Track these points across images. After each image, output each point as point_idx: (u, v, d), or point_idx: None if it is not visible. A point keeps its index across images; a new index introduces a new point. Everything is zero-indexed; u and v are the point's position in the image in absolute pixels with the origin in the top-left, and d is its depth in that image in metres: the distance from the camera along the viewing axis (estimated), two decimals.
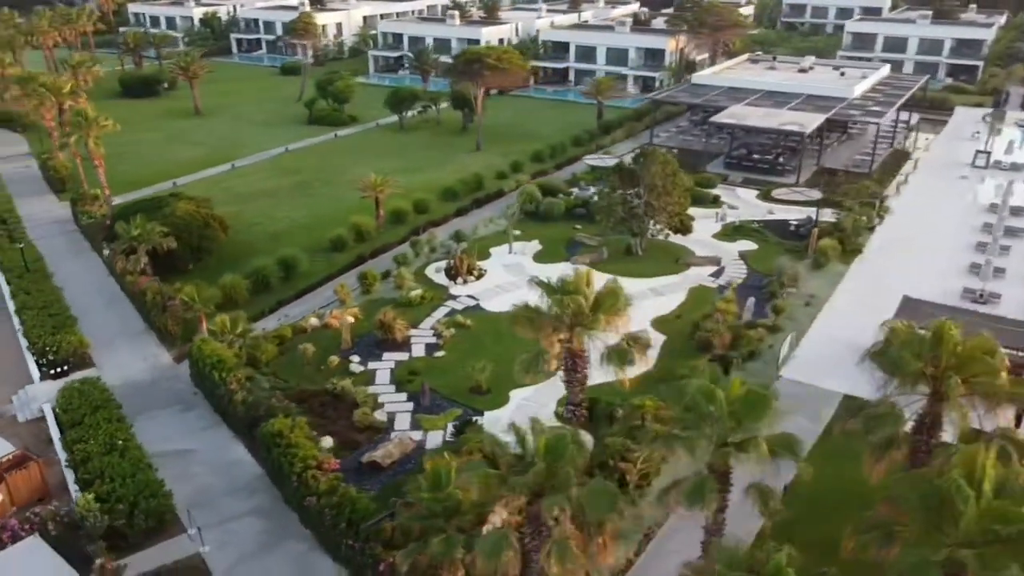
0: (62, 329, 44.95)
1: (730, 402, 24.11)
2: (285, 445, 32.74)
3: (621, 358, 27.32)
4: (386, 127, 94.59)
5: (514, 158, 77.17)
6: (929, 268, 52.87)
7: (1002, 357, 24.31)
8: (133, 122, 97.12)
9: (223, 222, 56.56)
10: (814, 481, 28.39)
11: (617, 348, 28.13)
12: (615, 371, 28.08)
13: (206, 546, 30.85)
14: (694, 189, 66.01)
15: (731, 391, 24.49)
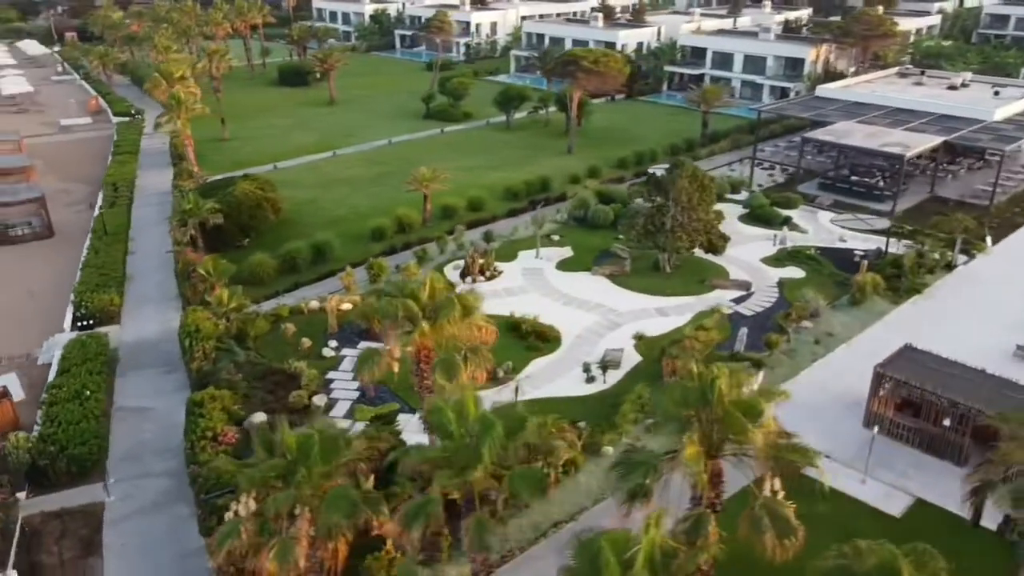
0: (103, 288, 50.19)
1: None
2: (197, 414, 34.80)
3: (447, 370, 26.43)
4: (495, 126, 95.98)
5: (601, 163, 75.76)
6: (993, 320, 46.10)
7: (771, 418, 20.96)
8: (274, 108, 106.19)
9: (275, 204, 60.42)
10: None
11: (446, 359, 27.22)
12: (438, 380, 27.19)
13: (111, 497, 33.54)
14: (763, 208, 61.94)
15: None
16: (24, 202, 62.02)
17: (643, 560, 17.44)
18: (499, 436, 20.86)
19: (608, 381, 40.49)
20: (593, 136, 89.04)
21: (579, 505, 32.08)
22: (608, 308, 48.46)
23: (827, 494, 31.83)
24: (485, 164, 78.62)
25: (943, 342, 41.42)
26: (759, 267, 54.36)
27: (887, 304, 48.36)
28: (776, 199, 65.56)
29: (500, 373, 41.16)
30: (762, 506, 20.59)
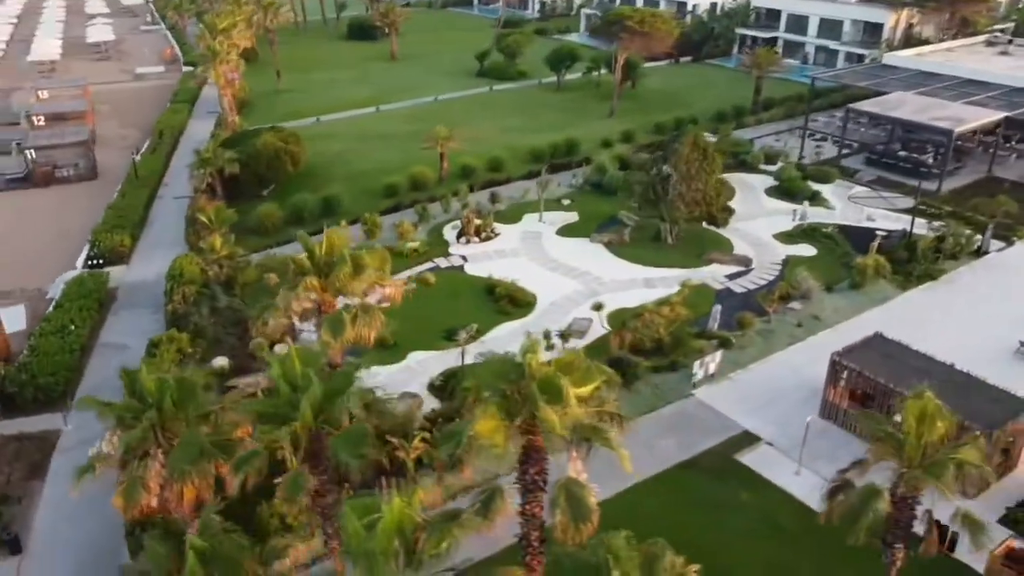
0: (119, 229, 52.73)
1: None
2: (151, 354, 36.35)
3: (333, 327, 26.42)
4: (547, 86, 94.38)
5: (639, 128, 73.56)
6: (1005, 313, 42.61)
7: (573, 393, 19.68)
8: (337, 62, 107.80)
9: (295, 156, 61.60)
10: None
11: (332, 317, 27.21)
12: (324, 337, 27.18)
13: (68, 426, 35.62)
14: (792, 181, 58.81)
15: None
16: (70, 145, 65.48)
17: (386, 529, 17.20)
18: (316, 396, 20.86)
19: (564, 350, 39.68)
20: (643, 100, 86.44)
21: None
22: (593, 277, 47.40)
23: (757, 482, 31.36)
24: (523, 125, 77.63)
25: (940, 333, 39.14)
26: (769, 243, 51.89)
27: (893, 289, 45.37)
28: (812, 173, 62.15)
29: (462, 335, 41.12)
30: (560, 487, 19.83)
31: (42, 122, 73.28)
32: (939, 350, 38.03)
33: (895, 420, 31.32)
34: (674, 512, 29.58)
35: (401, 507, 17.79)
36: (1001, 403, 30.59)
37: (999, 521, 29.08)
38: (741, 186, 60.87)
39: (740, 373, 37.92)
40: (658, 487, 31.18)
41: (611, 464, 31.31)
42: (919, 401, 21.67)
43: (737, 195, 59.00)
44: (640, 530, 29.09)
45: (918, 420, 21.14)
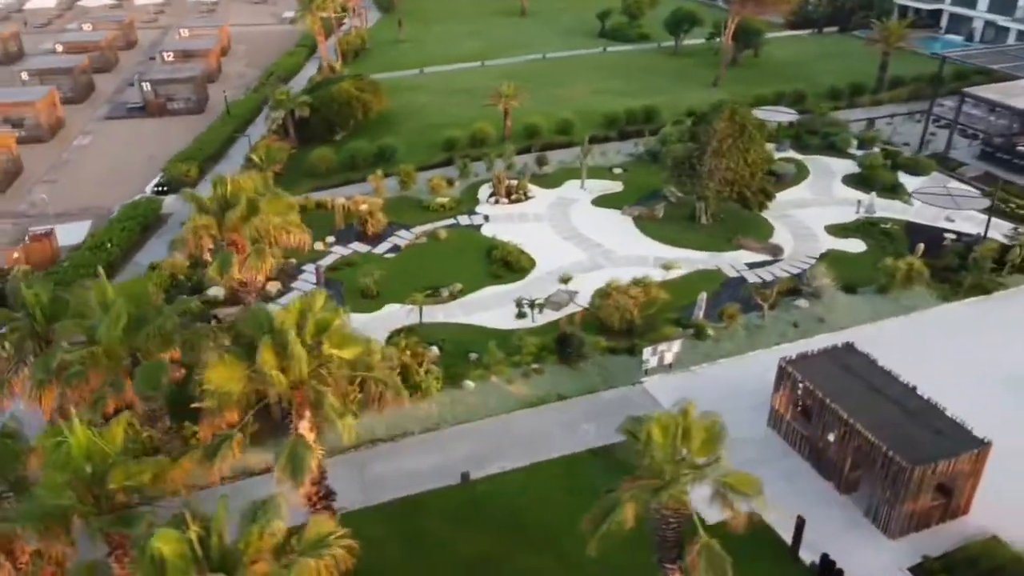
0: (190, 159, 56.99)
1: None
2: (149, 277, 39.49)
3: (221, 264, 27.18)
4: (665, 50, 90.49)
5: (738, 100, 68.94)
6: None
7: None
8: (465, 15, 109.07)
9: (367, 105, 63.45)
10: None
11: (222, 255, 27.93)
12: (211, 272, 27.91)
13: None
14: (875, 169, 53.35)
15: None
16: (182, 80, 71.08)
17: (70, 454, 17.87)
18: (119, 320, 21.86)
19: (537, 320, 38.86)
20: (760, 70, 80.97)
21: (401, 428, 32.17)
22: (605, 250, 45.70)
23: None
24: (618, 88, 75.15)
25: (954, 357, 34.50)
26: (816, 234, 47.57)
27: (931, 299, 40.30)
28: (904, 162, 55.93)
29: (444, 292, 41.36)
30: (288, 443, 19.52)
31: (171, 58, 79.86)
32: (939, 376, 33.90)
33: (828, 439, 28.70)
34: (549, 494, 28.67)
35: (87, 436, 18.56)
36: (947, 438, 26.70)
37: (911, 569, 25.71)
38: (818, 171, 56.16)
39: (705, 367, 35.46)
40: (553, 468, 30.21)
41: (530, 440, 31.11)
42: (667, 416, 19.67)
43: (808, 180, 54.88)
44: (503, 506, 28.96)
45: (663, 435, 19.06)
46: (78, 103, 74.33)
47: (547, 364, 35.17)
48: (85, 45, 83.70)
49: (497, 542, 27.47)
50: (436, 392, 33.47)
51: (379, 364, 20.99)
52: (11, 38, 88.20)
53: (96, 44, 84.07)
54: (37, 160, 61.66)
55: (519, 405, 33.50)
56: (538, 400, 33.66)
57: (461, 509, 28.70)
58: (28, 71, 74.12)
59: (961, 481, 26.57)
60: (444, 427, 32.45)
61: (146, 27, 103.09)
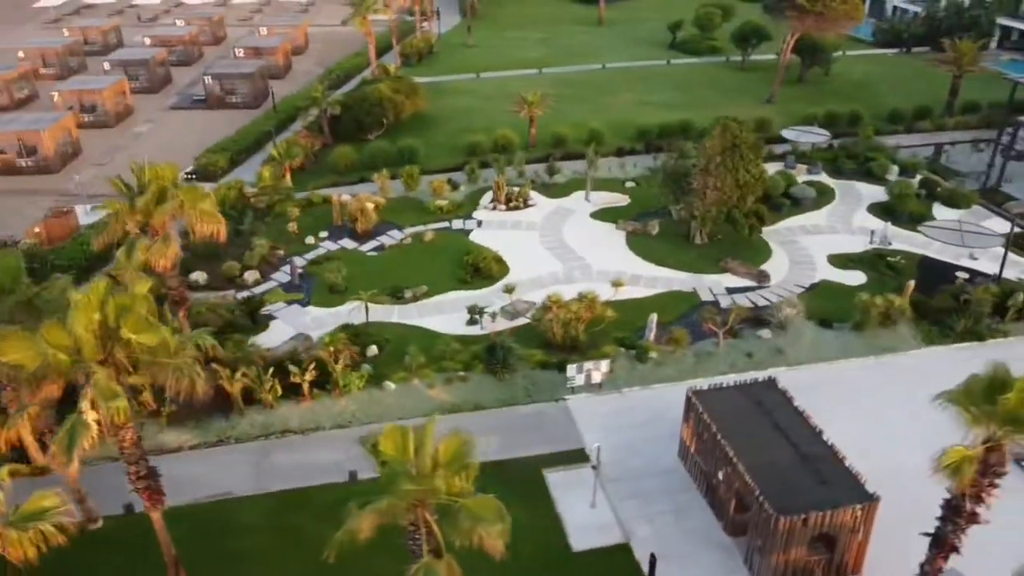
0: (223, 151, 59.79)
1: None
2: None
3: (127, 250, 28.29)
4: (733, 64, 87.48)
5: (790, 120, 65.94)
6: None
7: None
8: (542, 22, 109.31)
9: (398, 106, 64.65)
10: None
11: (130, 241, 29.01)
12: (120, 257, 29.07)
13: None
14: (903, 198, 49.89)
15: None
16: (240, 76, 74.61)
17: None
18: None
19: (485, 328, 38.55)
20: (826, 88, 77.17)
21: (314, 423, 32.67)
22: (584, 264, 44.78)
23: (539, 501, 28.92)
24: (666, 101, 73.45)
25: (907, 408, 31.58)
26: (816, 262, 44.91)
27: (912, 341, 37.27)
28: (943, 194, 51.95)
29: (408, 294, 41.68)
30: (71, 421, 19.79)
31: (241, 54, 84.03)
32: (879, 424, 31.72)
33: (718, 476, 27.25)
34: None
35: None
36: (832, 488, 24.63)
37: None
38: (845, 196, 53.02)
39: (637, 390, 34.17)
40: None
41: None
42: (399, 429, 19.22)
43: (831, 205, 51.93)
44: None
45: (393, 448, 18.48)
46: (153, 93, 79.30)
47: (475, 373, 34.82)
48: (170, 39, 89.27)
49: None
50: (357, 390, 33.80)
51: (185, 353, 21.34)
52: (111, 31, 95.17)
53: (180, 38, 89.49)
54: (98, 144, 66.23)
55: (434, 410, 33.24)
56: (454, 408, 33.41)
57: (336, 506, 28.76)
58: (111, 61, 79.73)
59: (844, 536, 24.46)
60: (355, 425, 32.74)
61: (240, 24, 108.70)
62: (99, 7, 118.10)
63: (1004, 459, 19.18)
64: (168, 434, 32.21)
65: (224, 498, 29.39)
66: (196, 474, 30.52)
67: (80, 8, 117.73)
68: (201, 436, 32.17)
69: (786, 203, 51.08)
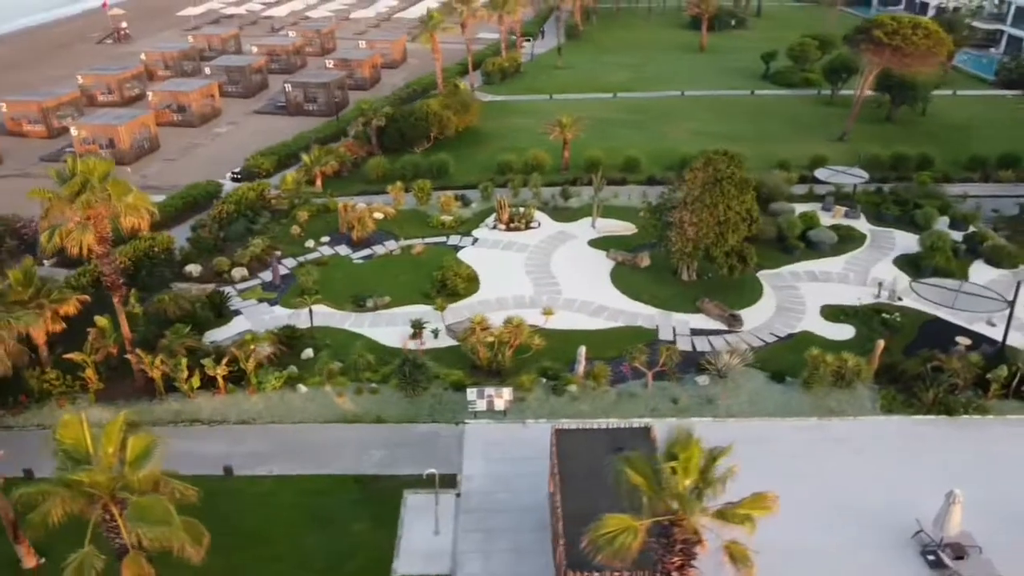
0: (270, 155, 63.14)
1: None
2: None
3: (48, 235, 30.40)
4: (823, 98, 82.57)
5: (851, 160, 61.50)
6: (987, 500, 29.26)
7: None
8: (639, 47, 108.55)
9: (443, 122, 65.76)
10: None
11: (54, 226, 31.05)
12: (42, 240, 31.18)
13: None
14: (932, 252, 45.53)
15: None
16: (316, 85, 78.62)
17: None
18: None
19: (426, 343, 38.51)
20: (916, 130, 71.33)
21: (222, 415, 33.89)
22: (556, 291, 43.77)
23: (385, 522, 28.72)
24: (728, 132, 70.49)
25: (807, 484, 28.95)
26: (807, 312, 41.63)
27: (867, 407, 33.76)
28: (988, 251, 46.75)
29: (369, 303, 42.42)
30: None
31: (331, 65, 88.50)
32: (790, 499, 28.91)
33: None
34: (284, 503, 29.15)
35: None
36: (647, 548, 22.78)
37: None
38: (875, 244, 48.95)
39: (541, 423, 32.81)
40: (310, 484, 30.28)
41: (317, 452, 31.71)
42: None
43: (854, 252, 48.14)
44: (234, 503, 29.48)
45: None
46: (247, 98, 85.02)
47: (388, 387, 34.90)
48: (274, 48, 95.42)
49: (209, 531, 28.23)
50: (272, 390, 34.77)
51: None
52: (230, 39, 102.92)
53: (285, 48, 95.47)
54: (176, 141, 71.80)
55: (336, 418, 33.77)
56: (355, 418, 33.67)
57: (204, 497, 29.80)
58: (212, 66, 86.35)
59: None
60: (258, 422, 33.68)
61: (354, 38, 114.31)
62: (236, 17, 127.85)
63: (692, 535, 17.07)
64: (92, 410, 34.31)
65: None
66: None
67: (219, 18, 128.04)
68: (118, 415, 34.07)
69: (800, 246, 47.68)
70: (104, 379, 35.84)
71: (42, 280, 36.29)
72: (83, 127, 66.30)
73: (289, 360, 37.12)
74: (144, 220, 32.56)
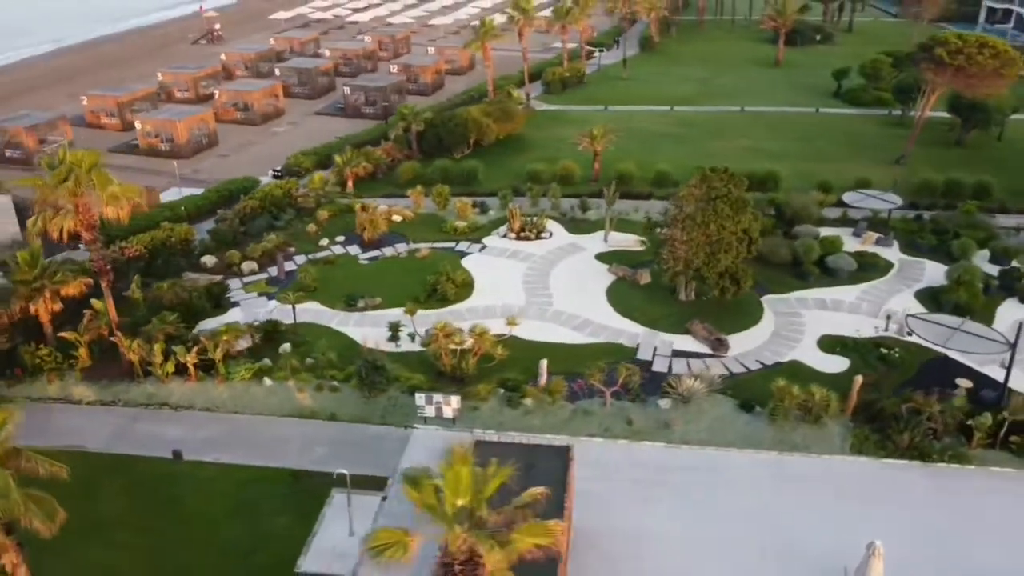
0: (310, 155, 65.11)
1: None
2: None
3: (35, 221, 32.22)
4: (893, 118, 78.22)
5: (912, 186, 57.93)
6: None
7: None
8: (713, 60, 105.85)
9: (482, 129, 66.14)
10: None
11: (42, 214, 32.87)
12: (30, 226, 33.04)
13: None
14: (957, 288, 42.67)
15: None
16: (373, 89, 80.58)
17: None
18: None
19: (402, 346, 38.84)
20: (987, 155, 66.83)
21: (189, 401, 35.19)
22: (546, 302, 43.30)
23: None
24: (779, 150, 68.06)
25: (774, 528, 27.54)
26: (802, 340, 39.65)
27: (835, 444, 31.80)
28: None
29: (360, 303, 43.14)
30: None
31: (395, 70, 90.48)
32: (723, 537, 27.90)
33: None
34: (221, 492, 29.97)
35: None
36: None
37: None
38: (902, 275, 46.12)
39: (489, 434, 32.47)
40: (248, 474, 31.02)
41: (266, 444, 32.59)
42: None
43: (875, 281, 45.49)
44: (178, 486, 30.51)
45: None
46: (313, 99, 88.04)
47: (349, 386, 35.38)
48: (345, 52, 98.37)
49: (144, 510, 29.50)
50: (241, 380, 35.87)
51: None
52: (309, 42, 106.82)
53: (356, 52, 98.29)
54: (235, 137, 75.05)
55: (293, 412, 34.49)
56: (311, 413, 34.29)
57: (151, 479, 31.06)
58: (282, 68, 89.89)
59: None
60: (220, 411, 34.80)
61: (430, 44, 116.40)
62: (323, 22, 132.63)
63: (457, 555, 16.39)
64: (78, 387, 36.44)
65: (74, 449, 32.67)
66: (75, 425, 34.38)
67: (308, 22, 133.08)
68: (99, 394, 36.00)
69: (815, 272, 45.43)
70: (96, 359, 37.91)
71: (49, 262, 38.82)
72: (147, 122, 70.32)
73: (267, 354, 38.22)
74: (125, 210, 34.23)
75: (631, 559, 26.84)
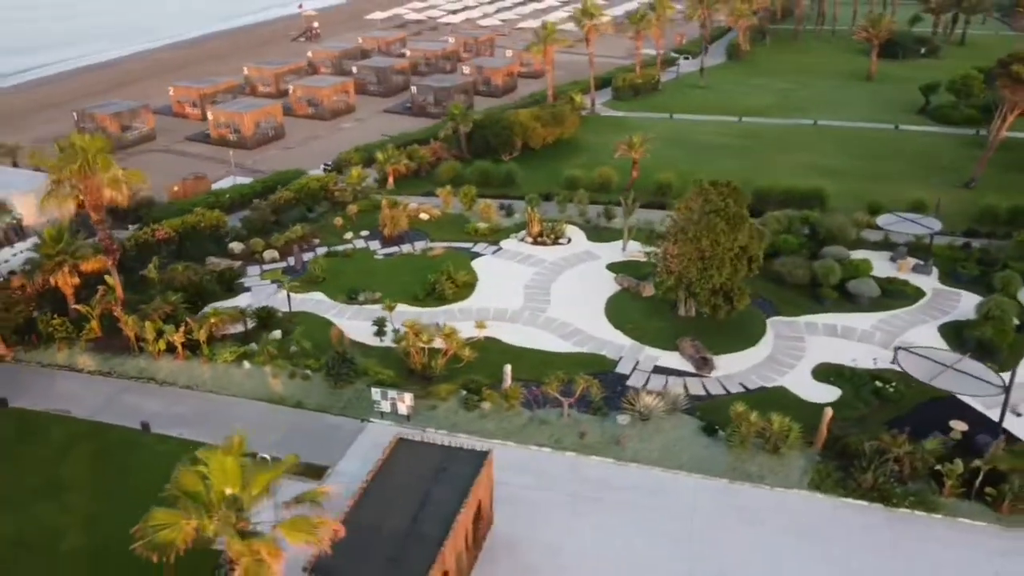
0: (361, 149, 66.89)
1: None
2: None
3: (37, 202, 34.52)
4: (981, 138, 72.74)
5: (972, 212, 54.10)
6: None
7: None
8: (802, 71, 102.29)
9: (528, 134, 66.14)
10: None
11: (51, 192, 35.01)
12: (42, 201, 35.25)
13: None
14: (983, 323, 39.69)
15: None
16: (438, 89, 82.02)
17: None
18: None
19: (385, 342, 39.42)
20: None
21: (173, 378, 36.96)
22: (541, 308, 42.88)
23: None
24: (840, 168, 64.86)
25: (705, 558, 26.91)
26: (796, 366, 37.63)
27: (791, 478, 30.04)
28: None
29: (361, 297, 44.08)
30: None
31: (467, 71, 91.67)
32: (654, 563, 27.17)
33: None
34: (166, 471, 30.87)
35: None
36: (397, 568, 22.24)
37: None
38: (933, 304, 43.03)
39: (440, 434, 32.24)
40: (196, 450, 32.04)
41: (228, 424, 34.14)
42: None
43: (898, 310, 42.79)
44: (139, 457, 32.20)
45: None
46: (386, 97, 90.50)
47: (320, 376, 36.22)
48: (426, 52, 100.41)
49: (100, 476, 31.25)
50: (224, 362, 37.38)
51: None
52: (395, 42, 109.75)
53: (435, 52, 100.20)
54: (301, 131, 78.06)
55: (263, 396, 35.62)
56: (280, 399, 35.32)
57: (119, 446, 32.86)
58: (359, 66, 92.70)
59: None
60: (199, 389, 36.37)
61: (513, 47, 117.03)
62: (417, 23, 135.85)
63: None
64: (82, 356, 38.94)
65: (60, 414, 34.99)
66: (71, 391, 36.77)
67: (404, 22, 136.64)
68: (99, 365, 38.35)
69: (833, 296, 43.00)
70: (105, 332, 40.41)
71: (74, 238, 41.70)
72: (219, 113, 74.15)
73: (260, 338, 39.61)
74: (124, 195, 36.34)
75: (544, 571, 26.47)
